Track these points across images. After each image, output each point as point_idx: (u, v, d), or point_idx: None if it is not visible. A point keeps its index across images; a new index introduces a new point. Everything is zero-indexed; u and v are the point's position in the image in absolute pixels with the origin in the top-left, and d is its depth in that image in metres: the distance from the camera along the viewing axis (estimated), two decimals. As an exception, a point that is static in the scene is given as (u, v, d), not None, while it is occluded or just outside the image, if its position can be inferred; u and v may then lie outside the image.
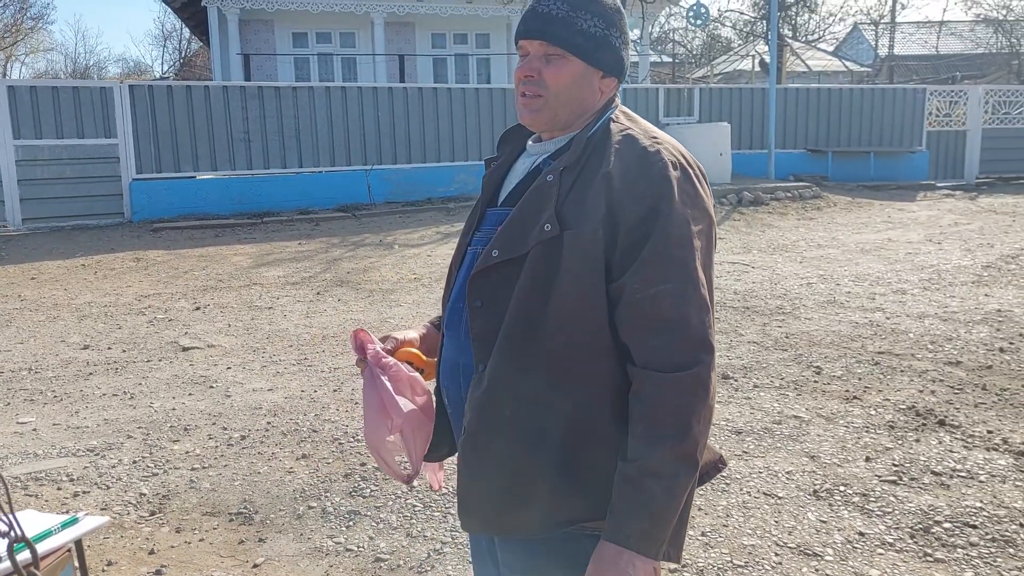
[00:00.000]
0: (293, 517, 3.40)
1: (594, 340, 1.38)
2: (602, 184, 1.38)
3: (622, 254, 1.36)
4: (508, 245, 1.41)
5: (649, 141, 1.43)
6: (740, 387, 4.86)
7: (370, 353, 1.56)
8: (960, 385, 4.82)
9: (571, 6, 1.45)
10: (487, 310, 1.43)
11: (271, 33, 18.24)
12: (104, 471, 3.87)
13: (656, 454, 1.31)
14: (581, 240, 1.36)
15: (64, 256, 9.47)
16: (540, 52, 1.46)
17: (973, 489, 3.51)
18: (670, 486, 1.32)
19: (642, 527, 1.31)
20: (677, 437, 1.32)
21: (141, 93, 11.54)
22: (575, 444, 1.40)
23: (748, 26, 28.59)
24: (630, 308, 1.36)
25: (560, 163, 1.44)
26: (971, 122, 16.78)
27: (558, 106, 1.47)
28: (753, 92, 15.69)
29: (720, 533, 3.20)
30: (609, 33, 1.47)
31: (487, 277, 1.43)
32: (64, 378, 5.29)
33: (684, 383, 1.32)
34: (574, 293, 1.37)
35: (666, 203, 1.36)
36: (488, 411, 1.42)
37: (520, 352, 1.39)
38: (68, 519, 2.03)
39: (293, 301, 7.32)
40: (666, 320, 1.34)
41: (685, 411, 1.32)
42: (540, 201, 1.41)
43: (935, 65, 29.23)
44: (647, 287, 1.34)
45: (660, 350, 1.34)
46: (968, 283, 7.60)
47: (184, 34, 37.62)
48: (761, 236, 10.70)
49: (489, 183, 1.60)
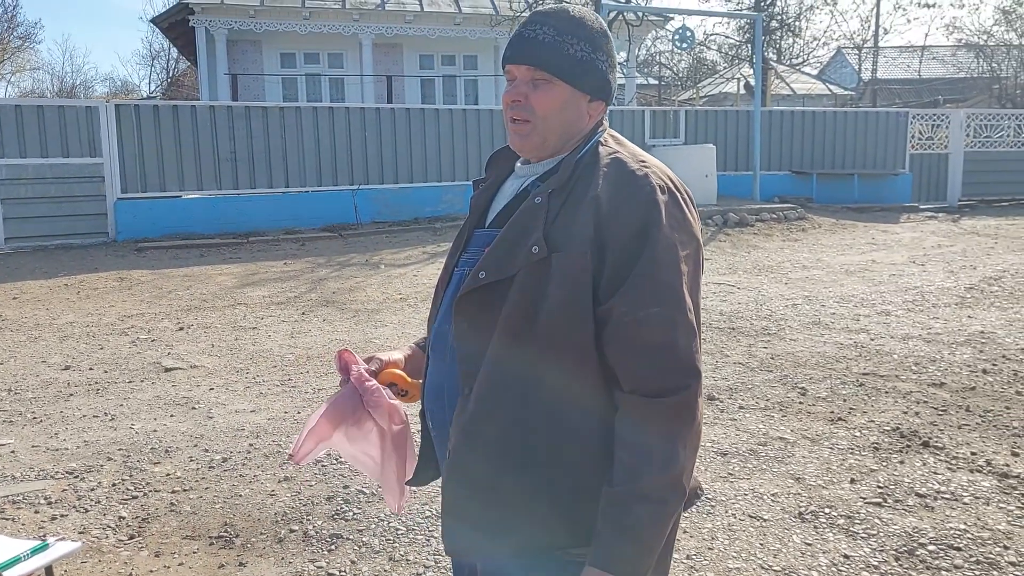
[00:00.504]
0: (274, 541, 3.36)
1: (581, 363, 1.37)
2: (590, 207, 1.37)
3: (609, 277, 1.36)
4: (495, 267, 1.40)
5: (637, 165, 1.43)
6: (726, 408, 4.86)
7: (353, 374, 1.56)
8: (944, 407, 4.84)
9: (558, 31, 1.45)
10: (473, 332, 1.42)
11: (259, 53, 18.29)
12: (83, 494, 3.82)
13: (643, 480, 1.30)
14: (569, 262, 1.36)
15: (47, 276, 9.40)
16: (527, 77, 1.46)
17: (957, 511, 3.51)
18: (657, 512, 1.31)
19: (628, 553, 1.30)
20: (664, 463, 1.31)
21: (127, 112, 11.52)
22: (560, 468, 1.39)
23: (733, 49, 28.88)
24: (617, 332, 1.35)
25: (548, 185, 1.43)
26: (953, 145, 16.97)
27: (546, 131, 1.47)
28: (738, 114, 15.83)
29: (705, 556, 3.19)
30: (596, 57, 1.47)
31: (473, 299, 1.42)
32: (44, 399, 5.23)
33: (671, 409, 1.32)
34: (561, 316, 1.36)
35: (654, 227, 1.36)
36: (473, 434, 1.41)
37: (507, 376, 1.38)
38: (38, 545, 1.99)
39: (278, 321, 7.28)
40: (653, 345, 1.33)
41: (672, 437, 1.32)
42: (528, 223, 1.41)
43: (917, 89, 29.60)
44: (634, 311, 1.33)
45: (647, 375, 1.33)
46: (951, 305, 7.65)
47: (172, 54, 37.63)
48: (747, 257, 10.75)
49: (477, 204, 1.59)
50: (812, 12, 34.25)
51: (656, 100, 24.74)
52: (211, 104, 12.31)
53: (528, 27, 1.47)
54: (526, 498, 1.40)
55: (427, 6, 17.85)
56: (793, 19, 29.25)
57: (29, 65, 39.71)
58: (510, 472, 1.40)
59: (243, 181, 12.11)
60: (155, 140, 11.57)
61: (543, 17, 1.47)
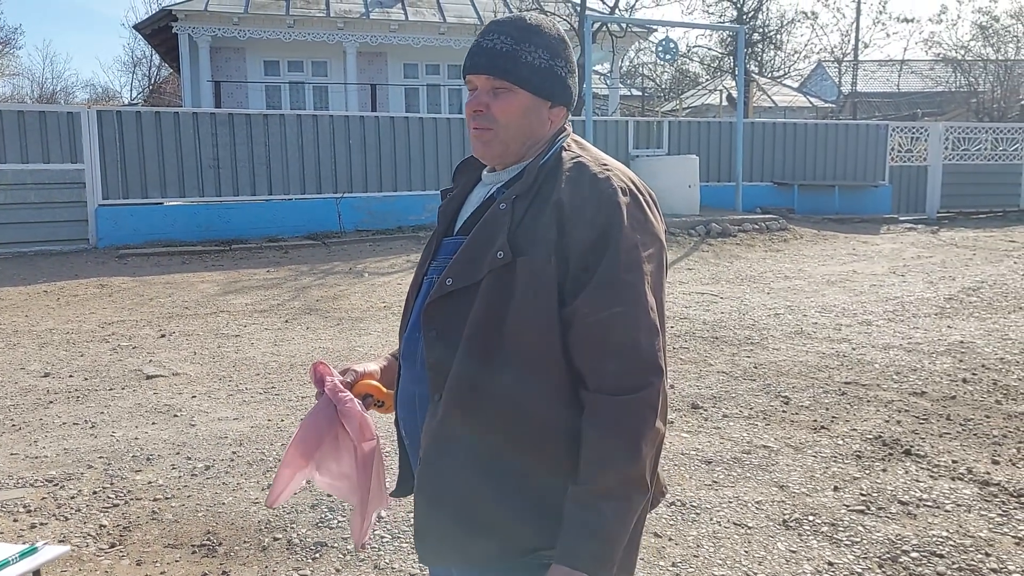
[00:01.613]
0: (258, 549, 3.33)
1: (548, 366, 1.39)
2: (553, 211, 1.40)
3: (573, 279, 1.38)
4: (462, 274, 1.42)
5: (599, 168, 1.46)
6: (709, 417, 4.88)
7: (328, 386, 1.56)
8: (925, 415, 4.88)
9: (515, 39, 1.47)
10: (442, 339, 1.43)
11: (243, 61, 18.24)
12: (63, 502, 3.77)
13: (607, 477, 1.32)
14: (533, 266, 1.38)
15: (26, 282, 9.30)
16: (487, 86, 1.48)
17: (939, 519, 3.54)
18: (621, 509, 1.33)
19: (593, 549, 1.31)
20: (627, 460, 1.33)
21: (109, 119, 11.45)
22: (532, 471, 1.40)
23: (716, 61, 29.13)
24: (581, 333, 1.37)
25: (513, 191, 1.45)
26: (932, 158, 17.17)
27: (508, 138, 1.49)
28: (721, 126, 15.95)
29: (691, 564, 3.19)
30: (554, 64, 1.49)
31: (441, 306, 1.44)
32: (23, 406, 5.17)
33: (633, 406, 1.34)
34: (528, 319, 1.38)
35: (615, 229, 1.38)
36: (443, 440, 1.42)
37: (475, 380, 1.40)
38: (27, 548, 1.97)
39: (261, 329, 7.24)
40: (616, 344, 1.35)
41: (634, 434, 1.33)
42: (493, 229, 1.43)
43: (896, 102, 29.95)
44: (597, 311, 1.36)
45: (610, 374, 1.35)
46: (931, 315, 7.73)
47: (154, 61, 37.45)
48: (729, 267, 10.81)
49: (445, 213, 1.61)
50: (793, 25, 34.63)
51: (639, 111, 24.89)
52: (194, 111, 12.26)
53: (486, 37, 1.49)
54: (499, 503, 1.40)
55: (412, 15, 17.88)
56: (775, 32, 29.57)
57: (8, 71, 39.35)
58: (481, 478, 1.40)
59: (226, 188, 12.05)
60: (137, 146, 11.50)
61: (500, 26, 1.49)
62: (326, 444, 1.58)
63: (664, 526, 3.49)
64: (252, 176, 12.18)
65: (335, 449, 1.60)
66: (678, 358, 6.20)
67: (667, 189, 13.86)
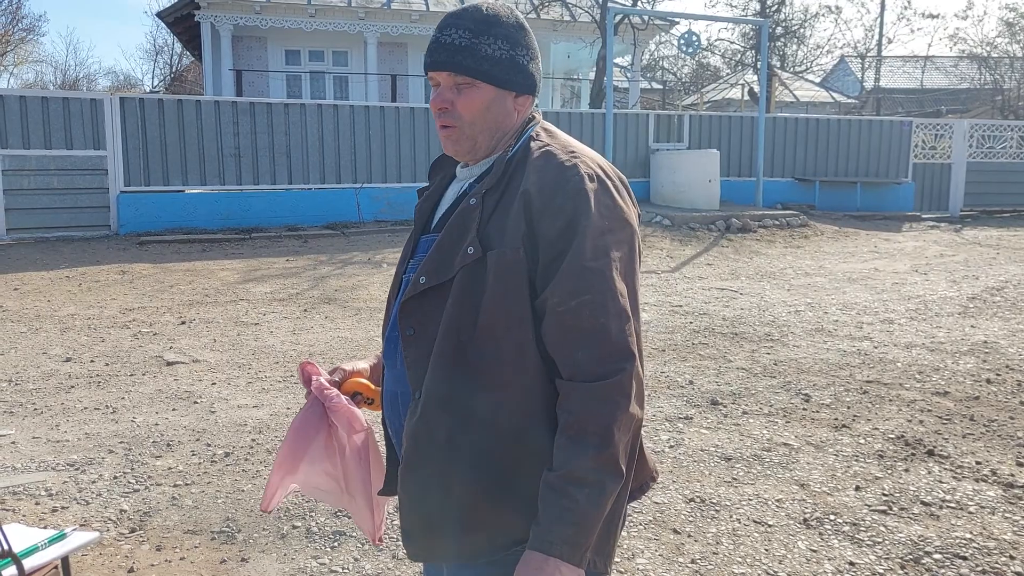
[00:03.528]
0: (277, 537, 3.34)
1: (523, 357, 1.39)
2: (521, 202, 1.39)
3: (543, 269, 1.38)
4: (434, 271, 1.43)
5: (566, 156, 1.44)
6: (729, 413, 4.85)
7: (314, 385, 1.56)
8: (948, 415, 4.82)
9: (473, 32, 1.45)
10: (419, 337, 1.44)
11: (264, 50, 18.28)
12: (84, 486, 3.80)
13: (579, 462, 1.32)
14: (504, 259, 1.38)
15: (48, 267, 9.37)
16: (450, 83, 1.47)
17: (963, 520, 3.50)
18: (594, 494, 1.32)
19: (566, 534, 1.31)
20: (599, 445, 1.32)
21: (132, 106, 11.50)
22: (513, 463, 1.41)
23: (738, 55, 28.90)
24: (551, 322, 1.37)
25: (483, 186, 1.45)
26: (956, 155, 16.98)
27: (475, 133, 1.48)
28: (742, 120, 15.83)
29: (710, 561, 3.17)
30: (515, 53, 1.47)
31: (417, 304, 1.44)
32: (45, 391, 5.21)
33: (605, 391, 1.33)
34: (501, 312, 1.38)
35: (583, 216, 1.37)
36: (424, 438, 1.42)
37: (452, 375, 1.40)
38: (56, 534, 1.98)
39: (280, 318, 7.27)
40: (586, 331, 1.35)
41: (606, 419, 1.33)
42: (463, 225, 1.43)
43: (920, 99, 29.62)
44: (567, 300, 1.35)
45: (583, 361, 1.35)
46: (954, 314, 7.64)
47: (176, 49, 37.64)
48: (749, 263, 10.74)
49: (422, 211, 1.61)
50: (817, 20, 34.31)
51: (660, 104, 24.75)
52: (216, 99, 12.29)
53: (443, 31, 1.46)
54: (483, 496, 1.41)
55: (433, 6, 17.84)
56: (798, 26, 29.29)
57: (32, 57, 39.68)
58: (464, 472, 1.41)
59: (246, 177, 12.10)
60: (159, 134, 11.55)
61: (457, 19, 1.46)
62: (316, 445, 1.58)
63: (683, 522, 3.47)
64: (272, 165, 12.22)
65: (327, 448, 1.59)
66: (697, 354, 6.16)
67: (687, 184, 13.79)
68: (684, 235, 12.19)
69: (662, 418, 4.75)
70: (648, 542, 3.31)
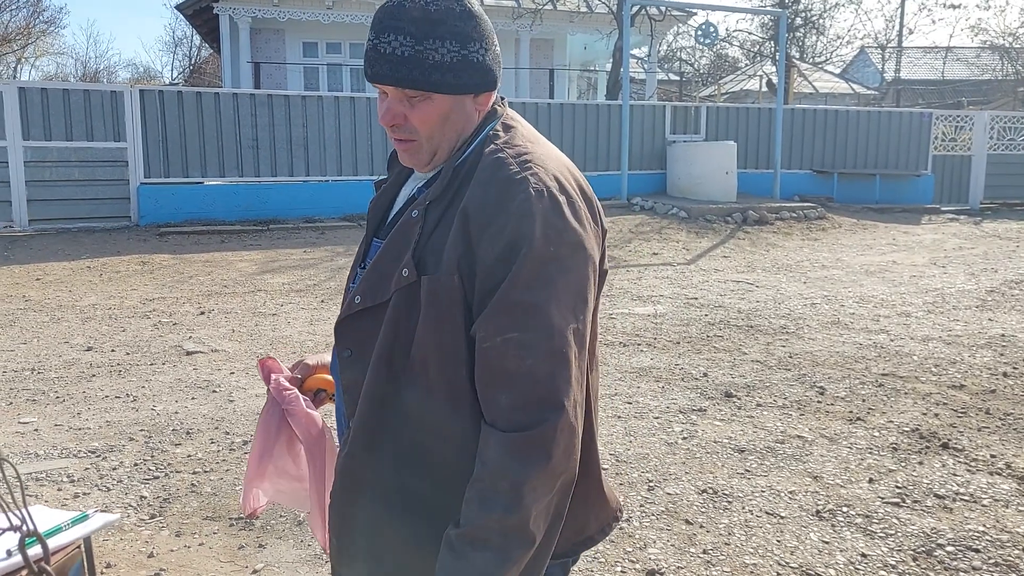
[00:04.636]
0: (293, 523, 3.39)
1: (457, 396, 1.25)
2: (459, 221, 1.22)
3: (479, 300, 1.22)
4: (370, 291, 1.29)
5: (517, 166, 1.25)
6: (743, 405, 4.86)
7: (272, 385, 1.48)
8: (964, 409, 4.81)
9: (416, 39, 1.24)
10: (355, 360, 1.31)
11: (282, 42, 18.35)
12: (105, 473, 3.87)
13: (483, 522, 1.16)
14: (438, 286, 1.22)
15: (70, 258, 9.49)
16: (399, 95, 1.29)
17: (976, 513, 3.50)
18: (496, 560, 1.16)
19: None
20: (508, 507, 1.15)
21: (151, 98, 11.60)
22: (441, 504, 1.27)
23: (756, 46, 28.72)
24: (479, 360, 1.21)
25: (427, 196, 1.29)
26: (976, 147, 16.81)
27: (435, 145, 1.32)
28: (760, 112, 15.74)
29: (722, 551, 3.19)
30: (468, 52, 1.27)
31: (352, 325, 1.32)
32: (67, 379, 5.29)
33: (522, 445, 1.16)
34: (432, 345, 1.24)
35: (523, 241, 1.19)
36: (349, 476, 1.32)
37: (382, 411, 1.28)
38: (78, 516, 2.03)
39: (297, 308, 7.33)
40: (510, 374, 1.18)
41: (519, 476, 1.15)
42: (401, 242, 1.28)
43: (941, 90, 29.34)
44: (491, 336, 1.19)
45: (504, 407, 1.18)
46: (972, 307, 7.60)
47: (195, 41, 37.83)
48: (765, 255, 10.71)
49: (376, 209, 1.45)
50: (836, 10, 34.00)
51: (677, 96, 24.66)
52: (234, 91, 12.37)
53: (381, 38, 1.25)
54: (410, 539, 1.30)
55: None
56: (817, 17, 29.07)
57: (53, 50, 40.02)
58: (391, 514, 1.31)
59: (264, 169, 12.17)
60: (179, 126, 11.64)
61: (395, 22, 1.25)
62: (278, 448, 1.50)
63: (695, 513, 3.49)
64: (290, 157, 12.29)
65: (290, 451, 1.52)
66: (712, 346, 6.17)
67: (704, 175, 13.74)
68: (700, 227, 12.17)
69: (675, 410, 4.77)
70: (660, 532, 3.34)
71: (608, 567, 3.08)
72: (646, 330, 6.65)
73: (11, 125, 10.73)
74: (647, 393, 5.08)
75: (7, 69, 36.95)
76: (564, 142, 13.81)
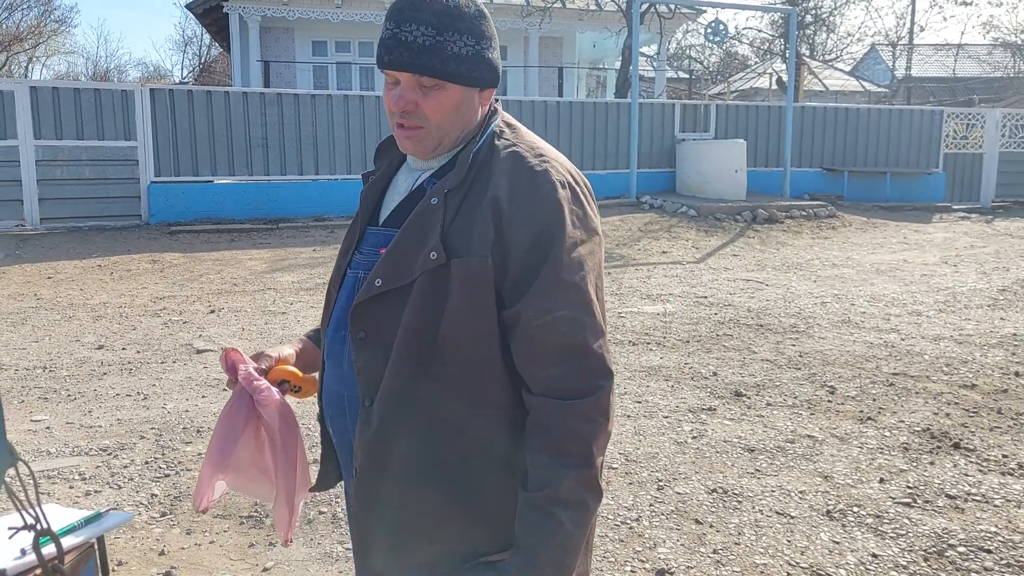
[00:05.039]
0: (304, 522, 3.40)
1: (487, 369, 1.34)
2: (489, 208, 1.32)
3: (513, 281, 1.31)
4: (392, 274, 1.35)
5: (536, 160, 1.37)
6: (753, 405, 4.84)
7: (241, 375, 1.48)
8: (975, 408, 4.79)
9: (438, 29, 1.32)
10: (371, 342, 1.36)
11: (291, 41, 18.39)
12: (116, 471, 3.89)
13: (563, 483, 1.28)
14: (470, 268, 1.31)
15: (81, 256, 9.54)
16: (413, 83, 1.35)
17: (988, 513, 3.48)
18: (578, 515, 1.29)
19: (555, 557, 1.27)
20: (581, 465, 1.29)
21: (162, 97, 11.64)
22: (473, 476, 1.36)
23: (766, 44, 28.62)
24: (525, 337, 1.32)
25: (445, 184, 1.36)
26: (988, 145, 16.72)
27: (442, 134, 1.39)
28: (770, 110, 15.69)
29: (732, 551, 3.19)
30: (481, 47, 1.36)
31: (370, 307, 1.36)
32: (78, 377, 5.32)
33: (584, 411, 1.29)
34: (465, 323, 1.32)
35: (557, 227, 1.31)
36: (380, 452, 1.36)
37: (410, 386, 1.34)
38: (91, 514, 2.04)
39: (307, 307, 7.35)
40: (562, 348, 1.30)
41: (587, 439, 1.29)
42: (424, 226, 1.34)
43: (952, 87, 29.18)
44: (542, 315, 1.30)
45: (558, 378, 1.30)
46: (984, 306, 7.55)
47: (204, 40, 37.95)
48: (775, 254, 10.67)
49: (368, 199, 1.50)
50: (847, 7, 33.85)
51: (686, 94, 24.59)
52: (244, 90, 12.40)
53: (403, 27, 1.33)
54: (442, 510, 1.37)
55: (459, -4, 17.81)
56: (828, 14, 28.95)
57: (64, 49, 40.21)
58: (423, 487, 1.37)
59: (274, 168, 12.20)
60: (189, 125, 11.68)
61: (417, 14, 1.33)
62: (246, 437, 1.51)
63: (705, 513, 3.49)
64: (299, 155, 12.31)
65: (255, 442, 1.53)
66: (722, 345, 6.15)
67: (713, 174, 13.70)
68: (710, 226, 12.14)
69: (685, 409, 4.76)
70: (670, 532, 3.33)
71: (618, 566, 3.07)
72: (655, 329, 6.64)
73: (23, 124, 10.79)
74: (656, 392, 5.07)
75: (19, 68, 37.15)
76: (573, 140, 13.80)
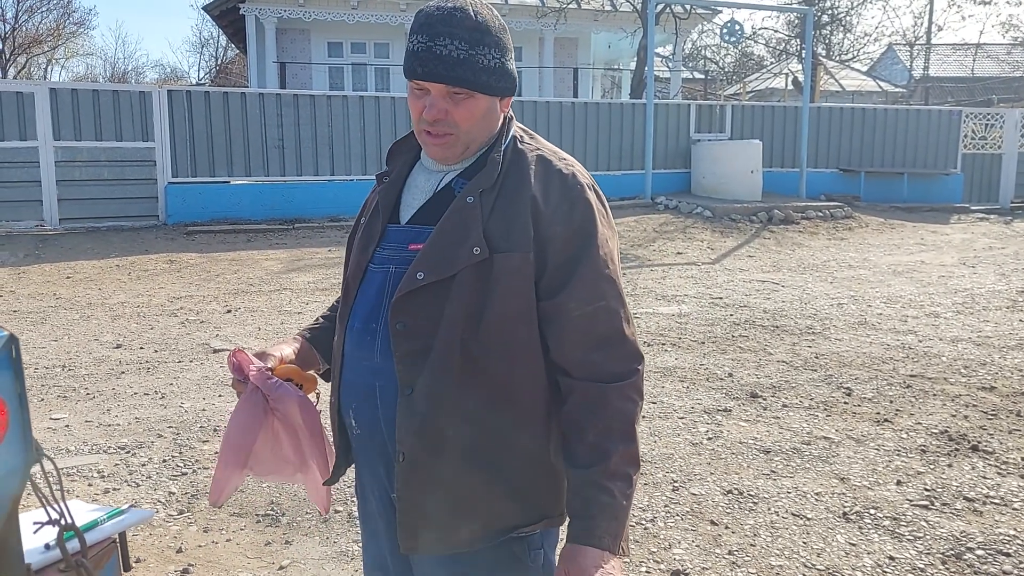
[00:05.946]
0: (319, 521, 3.42)
1: (527, 357, 1.46)
2: (527, 207, 1.43)
3: (552, 275, 1.44)
4: (434, 267, 1.43)
5: (562, 163, 1.51)
6: (769, 406, 4.82)
7: (253, 374, 1.52)
8: (994, 411, 4.75)
9: (470, 44, 1.42)
10: (412, 332, 1.44)
11: (307, 42, 18.48)
12: (134, 469, 3.92)
13: (612, 458, 1.40)
14: (513, 263, 1.42)
15: (99, 256, 9.62)
16: (444, 92, 1.44)
17: (1007, 516, 3.45)
18: (625, 486, 1.42)
19: (611, 527, 1.39)
20: (625, 441, 1.42)
21: (179, 98, 11.72)
22: (512, 456, 1.48)
23: (781, 44, 28.49)
24: (567, 326, 1.44)
25: (477, 184, 1.47)
26: (1007, 146, 16.57)
27: (469, 139, 1.49)
28: (786, 110, 15.61)
29: (747, 552, 3.18)
30: (505, 60, 1.48)
31: (411, 300, 1.44)
32: (97, 376, 5.37)
33: (625, 391, 1.43)
34: (508, 314, 1.43)
35: (592, 224, 1.46)
36: (429, 434, 1.44)
37: (457, 374, 1.43)
38: (114, 510, 2.06)
39: (322, 307, 7.37)
40: (602, 336, 1.44)
41: (629, 417, 1.43)
42: (463, 223, 1.44)
43: (970, 87, 28.92)
44: (583, 306, 1.43)
45: (600, 363, 1.44)
46: (1002, 308, 7.49)
47: (221, 42, 38.17)
48: (791, 255, 10.62)
49: (387, 199, 1.58)
50: (864, 7, 33.67)
51: (702, 94, 24.51)
52: (260, 91, 12.47)
53: (436, 41, 1.42)
54: (484, 489, 1.47)
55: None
56: (844, 14, 28.79)
57: (82, 51, 40.55)
58: (469, 466, 1.46)
59: (290, 168, 12.26)
60: (206, 126, 11.76)
61: (450, 29, 1.42)
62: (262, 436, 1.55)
63: (721, 514, 3.48)
64: (315, 156, 12.37)
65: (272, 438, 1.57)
66: (737, 346, 6.13)
67: (729, 174, 13.66)
68: (725, 226, 12.09)
69: (700, 410, 4.75)
70: (685, 532, 3.32)
71: (633, 567, 3.07)
72: (671, 330, 6.62)
73: (42, 125, 10.89)
74: (672, 393, 5.06)
75: (38, 70, 37.50)
76: (588, 141, 13.79)
